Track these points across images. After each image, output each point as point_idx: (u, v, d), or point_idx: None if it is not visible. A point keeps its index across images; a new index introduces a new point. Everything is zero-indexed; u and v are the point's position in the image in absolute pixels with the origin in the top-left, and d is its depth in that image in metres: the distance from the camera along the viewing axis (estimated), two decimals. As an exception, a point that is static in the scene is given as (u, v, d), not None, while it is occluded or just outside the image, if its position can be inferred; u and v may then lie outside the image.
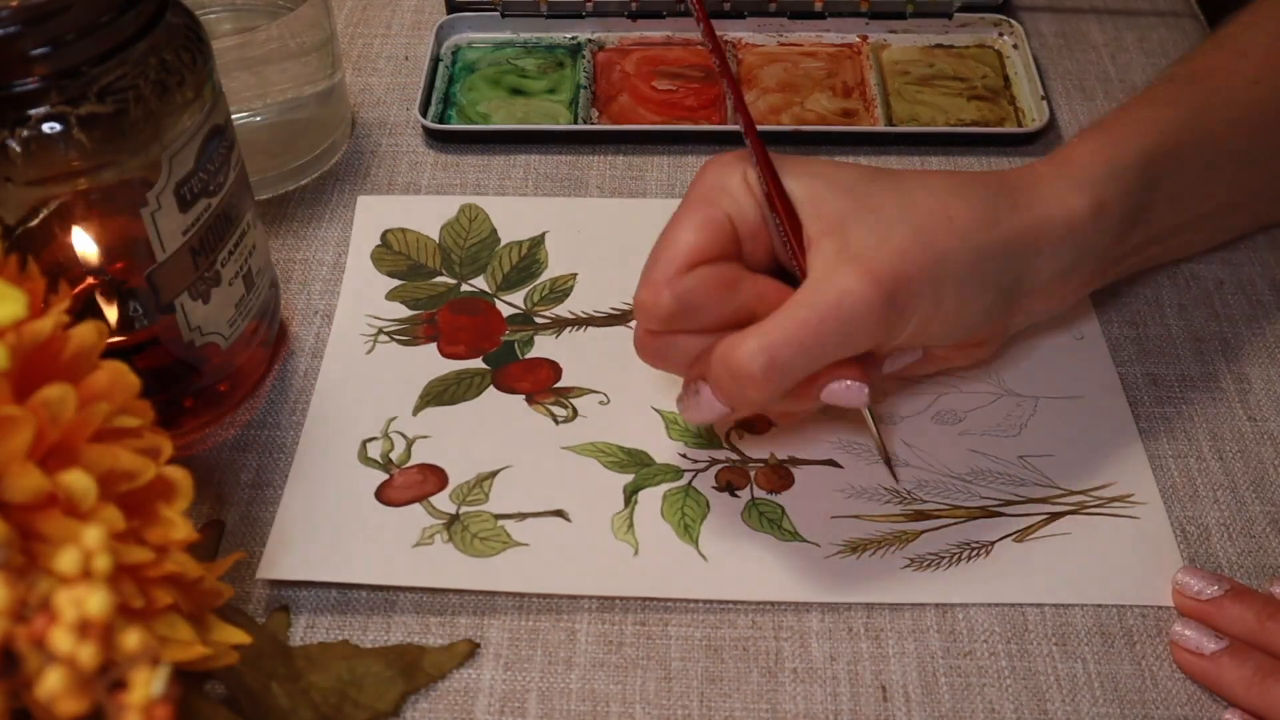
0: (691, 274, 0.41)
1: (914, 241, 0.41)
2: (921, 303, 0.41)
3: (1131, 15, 0.69)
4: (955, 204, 0.42)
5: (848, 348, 0.41)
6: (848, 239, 0.41)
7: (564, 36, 0.66)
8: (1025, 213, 0.43)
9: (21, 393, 0.30)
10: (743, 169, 0.43)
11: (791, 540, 0.45)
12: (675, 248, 0.42)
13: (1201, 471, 0.47)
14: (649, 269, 0.42)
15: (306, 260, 0.56)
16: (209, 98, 0.43)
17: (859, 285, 0.40)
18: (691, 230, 0.42)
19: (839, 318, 0.39)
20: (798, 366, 0.40)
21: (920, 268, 0.40)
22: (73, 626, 0.25)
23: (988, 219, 0.42)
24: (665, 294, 0.41)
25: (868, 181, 0.43)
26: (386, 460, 0.47)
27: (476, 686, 0.41)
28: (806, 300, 0.40)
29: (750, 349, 0.39)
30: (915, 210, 0.41)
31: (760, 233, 0.43)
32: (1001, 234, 0.42)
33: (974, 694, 0.41)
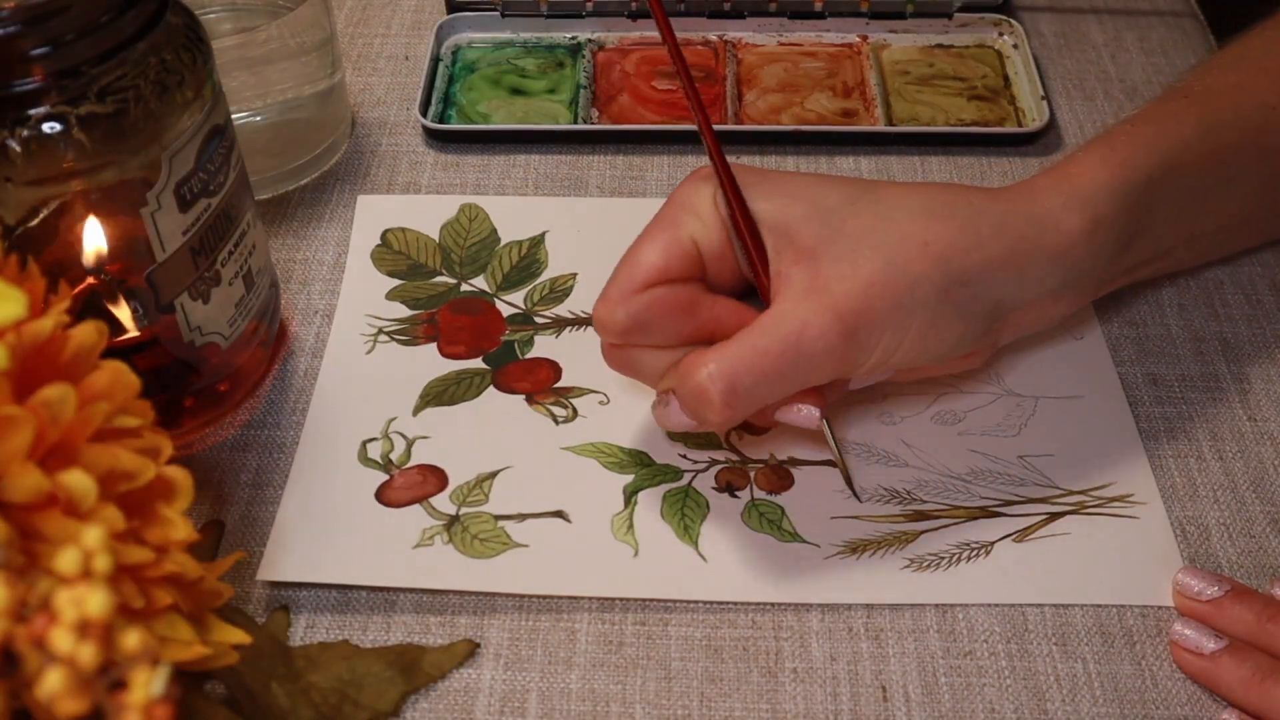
0: (647, 293, 0.42)
1: (884, 272, 0.40)
2: (885, 335, 0.40)
3: (1131, 15, 0.69)
4: (935, 227, 0.41)
5: (806, 380, 0.41)
6: (818, 268, 0.40)
7: (564, 36, 0.66)
8: (1010, 234, 0.42)
9: (21, 393, 0.30)
10: (713, 188, 0.43)
11: (791, 541, 0.45)
12: (635, 267, 0.42)
13: (1201, 471, 0.47)
14: (608, 284, 0.42)
15: (306, 260, 0.56)
16: (209, 98, 0.43)
17: (820, 320, 0.39)
18: (653, 251, 0.42)
19: (798, 350, 0.40)
20: (756, 395, 0.40)
21: (887, 299, 0.40)
22: (73, 626, 0.25)
23: (968, 242, 0.41)
24: (620, 311, 0.42)
25: (847, 203, 0.42)
26: (386, 461, 0.47)
27: (476, 686, 0.41)
28: (767, 329, 0.40)
29: (710, 373, 0.40)
30: (890, 235, 0.41)
31: (726, 254, 0.43)
32: (982, 258, 0.41)
33: (974, 694, 0.41)
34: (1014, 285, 0.42)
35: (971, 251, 0.41)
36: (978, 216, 0.42)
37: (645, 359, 0.43)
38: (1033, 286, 0.43)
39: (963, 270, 0.41)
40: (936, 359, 0.43)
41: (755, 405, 0.41)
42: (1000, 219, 0.42)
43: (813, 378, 0.41)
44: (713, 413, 0.40)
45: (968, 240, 0.41)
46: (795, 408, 0.42)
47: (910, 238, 0.41)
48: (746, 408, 0.41)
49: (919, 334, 0.41)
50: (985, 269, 0.41)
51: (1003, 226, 0.42)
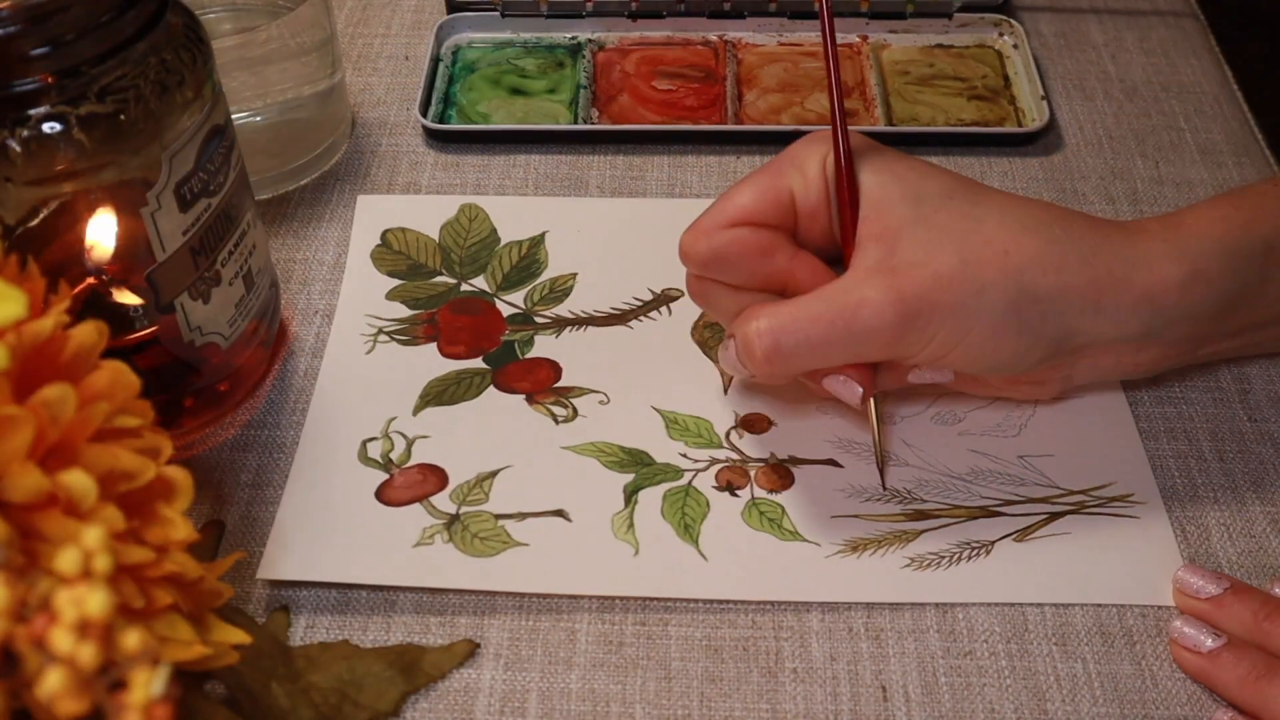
0: (732, 230, 0.43)
1: (957, 270, 0.40)
2: (945, 329, 0.40)
3: (1131, 15, 0.69)
4: (1022, 239, 0.41)
5: (855, 354, 0.41)
6: (895, 249, 0.41)
7: (564, 36, 0.66)
8: (1097, 266, 0.41)
9: (21, 393, 0.30)
10: (825, 150, 0.43)
11: (791, 540, 0.45)
12: (727, 203, 0.43)
13: (1201, 471, 0.47)
14: (701, 216, 0.44)
15: (306, 260, 0.56)
16: (209, 98, 0.43)
17: (880, 298, 0.40)
18: (748, 192, 0.43)
19: (850, 323, 0.40)
20: (800, 357, 0.41)
21: (952, 296, 0.40)
22: (73, 626, 0.25)
23: (1050, 263, 0.41)
24: (703, 242, 0.43)
25: (945, 196, 0.42)
26: (386, 460, 0.47)
27: (476, 686, 0.41)
28: (827, 296, 0.41)
29: (759, 327, 0.41)
30: (974, 236, 0.41)
31: (819, 214, 0.43)
32: (1060, 282, 0.41)
33: (974, 694, 0.41)
34: (1090, 319, 0.41)
35: (1050, 273, 0.41)
36: (1068, 239, 0.41)
37: (720, 296, 0.44)
38: (1111, 326, 0.42)
39: (1036, 288, 0.41)
40: (996, 370, 0.43)
41: (798, 367, 0.41)
42: (1093, 248, 0.41)
43: (862, 353, 0.41)
44: (754, 365, 0.41)
45: (1051, 260, 0.41)
46: (841, 379, 0.43)
47: (992, 244, 0.41)
48: (788, 368, 0.41)
49: (979, 339, 0.41)
50: (1061, 292, 0.41)
51: (1093, 256, 0.41)
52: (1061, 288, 0.41)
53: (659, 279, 0.54)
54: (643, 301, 0.53)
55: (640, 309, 0.53)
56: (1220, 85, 0.64)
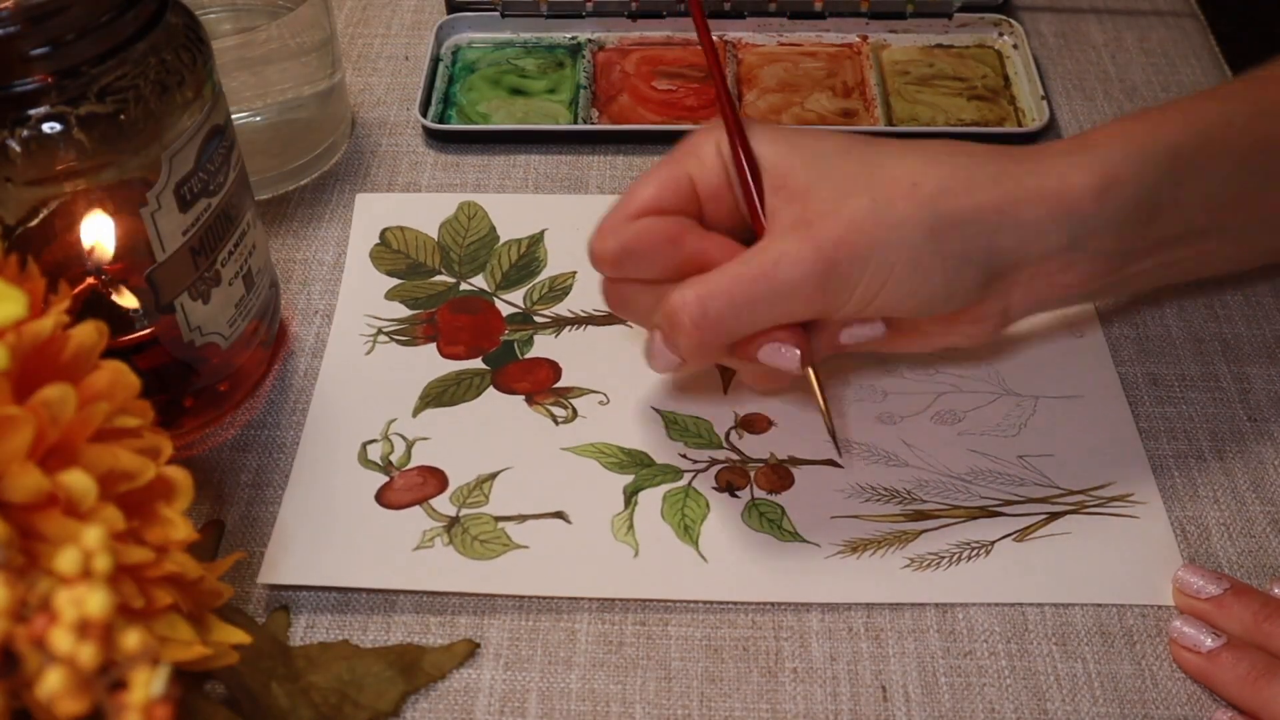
0: (638, 223, 0.43)
1: (869, 210, 0.40)
2: (867, 272, 0.40)
3: (1131, 15, 0.69)
4: (927, 170, 0.41)
5: (784, 311, 0.41)
6: (806, 204, 0.41)
7: (564, 36, 0.66)
8: (1009, 183, 0.41)
9: (21, 393, 0.30)
10: (718, 136, 0.43)
11: (791, 540, 0.45)
12: (628, 198, 0.43)
13: (1201, 471, 0.47)
14: (604, 217, 0.43)
15: (306, 260, 0.55)
16: (209, 98, 0.43)
17: (797, 249, 0.40)
18: (649, 184, 0.43)
19: (772, 278, 0.40)
20: (727, 321, 0.40)
21: (869, 235, 0.40)
22: (73, 626, 0.24)
23: (959, 186, 0.41)
24: (610, 239, 0.43)
25: (843, 152, 0.42)
26: (386, 462, 0.47)
27: (476, 686, 0.41)
28: (747, 257, 0.41)
29: (684, 296, 0.40)
30: (879, 176, 0.41)
31: (723, 194, 0.43)
32: (972, 202, 0.41)
33: (974, 694, 0.41)
34: (1010, 234, 0.41)
35: (963, 195, 0.41)
36: (974, 164, 0.42)
37: (638, 295, 0.44)
38: (1033, 239, 0.41)
39: (953, 212, 0.40)
40: (928, 308, 0.42)
41: (727, 333, 0.41)
42: (1000, 168, 0.42)
43: (789, 309, 0.41)
44: (683, 338, 0.41)
45: (960, 184, 0.41)
46: (777, 347, 0.42)
47: (900, 179, 0.41)
48: (718, 334, 0.41)
49: (903, 275, 0.40)
50: (978, 212, 0.41)
51: (1001, 175, 0.41)
52: (976, 207, 0.41)
53: (659, 279, 0.54)
54: (643, 301, 0.53)
55: (640, 309, 0.53)
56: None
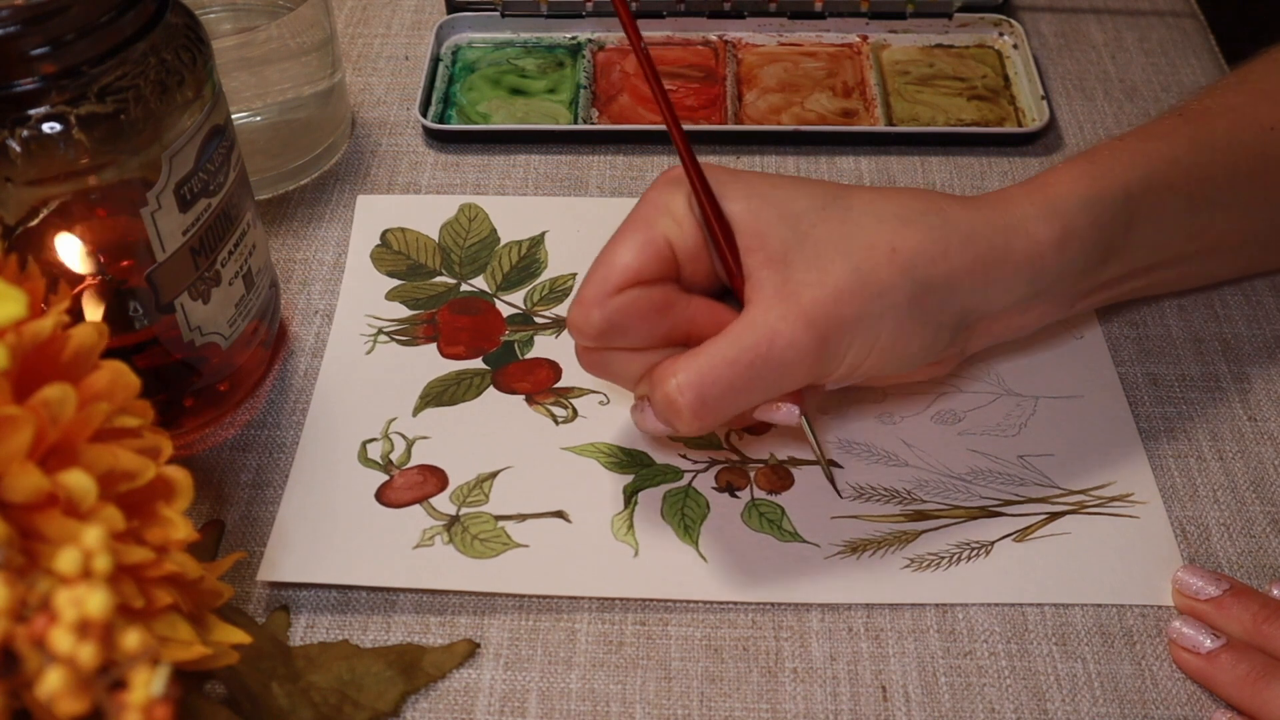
0: (622, 295, 0.41)
1: (852, 278, 0.40)
2: (856, 342, 0.40)
3: (1131, 15, 0.69)
4: (904, 234, 0.41)
5: (778, 387, 0.41)
6: (788, 273, 0.40)
7: (564, 36, 0.66)
8: (979, 244, 0.42)
9: (21, 393, 0.30)
10: (686, 189, 0.42)
11: (791, 540, 0.45)
12: (609, 268, 0.41)
13: (1201, 471, 0.47)
14: (582, 287, 0.42)
15: (306, 260, 0.56)
16: (209, 98, 0.43)
17: (790, 328, 0.39)
18: (628, 251, 0.42)
19: (767, 359, 0.39)
20: (725, 404, 0.40)
21: (856, 307, 0.40)
22: (73, 626, 0.25)
23: (935, 251, 0.41)
24: (595, 314, 0.41)
25: (817, 210, 0.42)
26: (386, 461, 0.47)
27: (476, 686, 0.41)
28: (738, 338, 0.40)
29: (678, 383, 0.40)
30: (858, 241, 0.41)
31: (701, 254, 0.42)
32: (949, 268, 0.41)
33: (974, 694, 0.41)
34: (981, 295, 0.42)
35: (939, 260, 0.41)
36: (946, 225, 0.42)
37: (620, 362, 0.43)
38: (1001, 296, 0.43)
39: (929, 278, 0.41)
40: (905, 366, 0.43)
41: (726, 414, 0.41)
42: (970, 228, 0.42)
43: (784, 385, 0.41)
44: (682, 423, 0.40)
45: (935, 249, 0.41)
46: (775, 406, 0.42)
47: (878, 245, 0.41)
48: (717, 417, 0.40)
49: (888, 341, 0.41)
50: (952, 277, 0.41)
51: (972, 235, 0.42)
52: (950, 273, 0.41)
53: (659, 279, 0.54)
54: (643, 301, 0.53)
55: (640, 309, 0.53)
56: (1220, 85, 0.64)
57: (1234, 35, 0.70)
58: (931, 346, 0.42)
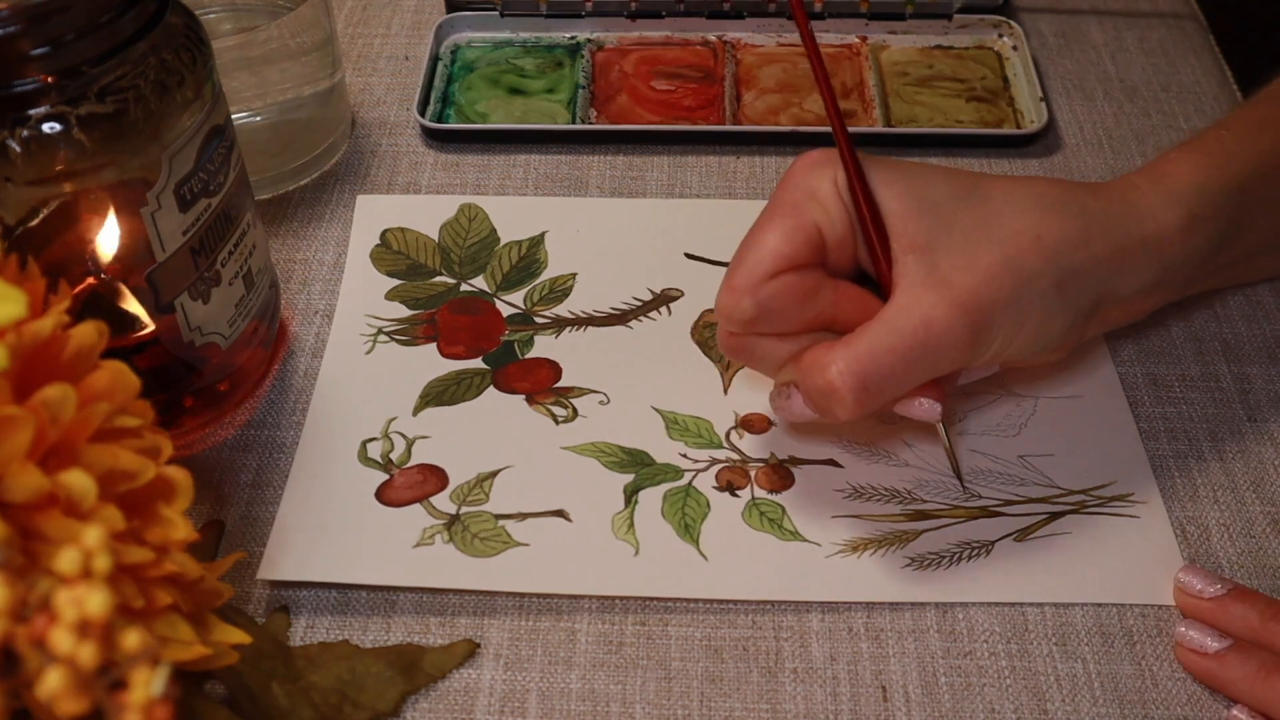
0: (774, 281, 0.41)
1: (1001, 265, 0.40)
2: (1005, 327, 0.41)
3: (1131, 15, 0.69)
4: (1047, 221, 0.42)
5: (933, 371, 0.41)
6: (935, 260, 0.41)
7: (563, 36, 0.66)
8: (1118, 230, 0.42)
9: (21, 393, 0.30)
10: (833, 172, 0.42)
11: (792, 540, 0.45)
12: (760, 254, 0.41)
13: (1201, 471, 0.47)
14: (732, 272, 0.42)
15: (306, 260, 0.55)
16: (209, 98, 0.43)
17: (946, 314, 0.40)
18: (778, 238, 0.41)
19: (925, 345, 0.40)
20: (886, 390, 0.40)
21: (1006, 293, 0.40)
22: (73, 626, 0.24)
23: (1079, 238, 0.42)
24: (746, 300, 0.41)
25: (958, 198, 0.42)
26: (387, 460, 0.47)
27: (476, 686, 0.41)
28: (894, 324, 0.40)
29: (839, 370, 0.40)
30: (1003, 229, 0.41)
31: (846, 240, 0.42)
32: (1091, 254, 0.42)
33: (974, 694, 0.41)
34: (1117, 281, 0.43)
35: (1080, 247, 0.42)
36: (1086, 213, 0.42)
37: (766, 347, 0.43)
38: (1131, 281, 0.43)
39: (1073, 265, 0.42)
40: (1041, 351, 0.43)
41: (885, 400, 0.41)
42: (1106, 215, 0.43)
43: (938, 369, 0.41)
44: (844, 409, 0.40)
45: (1078, 236, 0.42)
46: (918, 401, 0.42)
47: (1023, 233, 0.41)
48: (877, 402, 0.41)
49: (1032, 327, 0.41)
50: (1093, 264, 0.42)
51: (1108, 223, 0.43)
52: (1091, 259, 0.42)
53: (658, 279, 0.54)
54: (642, 301, 0.53)
55: (640, 309, 0.53)
56: (1220, 85, 0.64)
57: (1234, 35, 0.70)
58: (1069, 331, 0.43)
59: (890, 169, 0.42)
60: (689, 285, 0.54)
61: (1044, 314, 0.41)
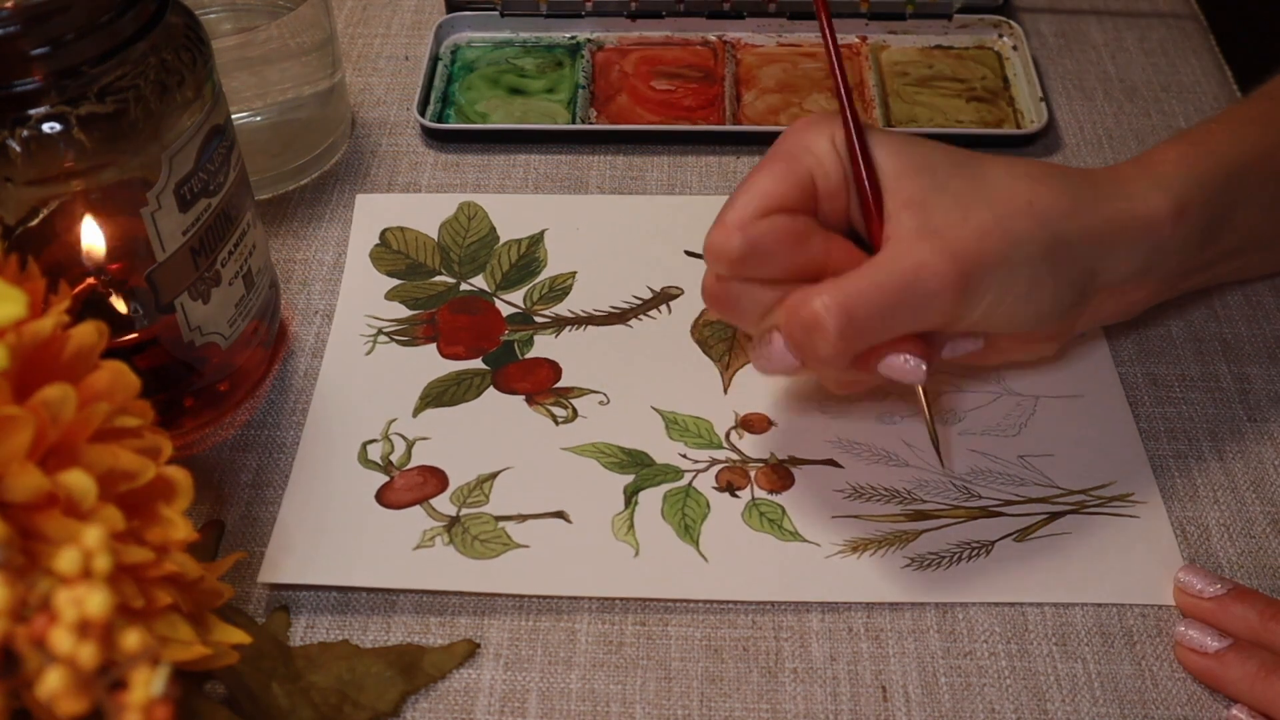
0: (765, 220, 0.41)
1: (993, 223, 0.41)
2: (993, 285, 0.41)
3: (1131, 15, 0.69)
4: (1037, 189, 0.42)
5: (919, 320, 0.41)
6: (928, 214, 0.41)
7: (563, 36, 0.66)
8: (1107, 205, 0.43)
9: (21, 393, 0.30)
10: (831, 131, 0.43)
11: (792, 540, 0.45)
12: (753, 193, 0.42)
13: (1201, 471, 0.47)
14: (724, 211, 0.42)
15: (306, 260, 0.55)
16: (209, 98, 0.43)
17: (936, 260, 0.40)
18: (771, 179, 0.42)
19: (914, 288, 0.40)
20: (871, 328, 0.40)
21: (997, 249, 0.40)
22: (73, 626, 0.24)
23: (1069, 207, 0.42)
24: (737, 236, 0.41)
25: (952, 165, 0.42)
26: (387, 462, 0.47)
27: (476, 686, 0.41)
28: (885, 266, 0.40)
29: (825, 303, 0.39)
30: (996, 193, 0.41)
31: (839, 195, 0.43)
32: (1081, 223, 0.42)
33: (974, 694, 0.41)
34: (1107, 257, 0.43)
35: (1071, 216, 0.42)
36: (1076, 186, 0.43)
37: (750, 293, 0.42)
38: (1121, 265, 0.43)
39: (1065, 231, 0.42)
40: (1031, 324, 0.43)
41: (868, 341, 0.41)
42: (1095, 190, 0.43)
43: (921, 319, 0.41)
44: (826, 344, 0.40)
45: (1068, 205, 0.42)
46: (904, 358, 0.41)
47: (1015, 196, 0.41)
48: (860, 342, 0.40)
49: (1022, 290, 0.41)
50: (1084, 234, 0.42)
51: (1099, 198, 0.43)
52: (1083, 228, 0.42)
53: (658, 277, 0.54)
54: (642, 300, 0.53)
55: (640, 308, 0.53)
56: (1220, 85, 0.64)
57: (1234, 35, 0.70)
58: (1056, 304, 0.43)
59: (888, 135, 0.43)
60: (689, 283, 0.54)
61: (1032, 279, 0.41)
